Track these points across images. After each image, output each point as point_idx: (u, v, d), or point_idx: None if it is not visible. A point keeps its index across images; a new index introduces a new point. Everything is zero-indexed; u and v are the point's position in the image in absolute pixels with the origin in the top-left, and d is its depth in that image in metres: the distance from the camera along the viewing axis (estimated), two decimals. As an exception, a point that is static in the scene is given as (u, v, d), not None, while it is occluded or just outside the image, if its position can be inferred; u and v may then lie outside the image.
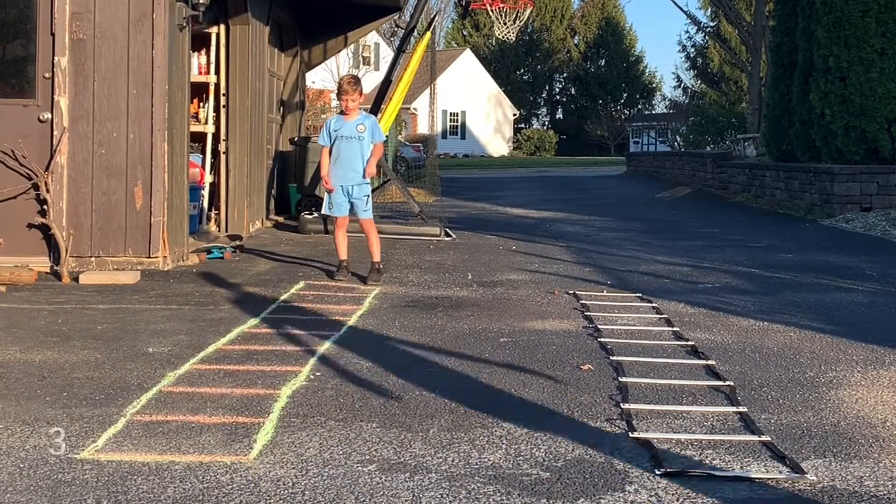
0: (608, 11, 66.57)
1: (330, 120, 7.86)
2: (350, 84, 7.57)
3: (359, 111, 7.74)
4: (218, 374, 4.58)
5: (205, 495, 3.07)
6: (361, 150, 7.58)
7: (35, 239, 7.69)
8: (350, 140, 7.56)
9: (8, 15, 7.79)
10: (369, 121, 7.74)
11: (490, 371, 4.74)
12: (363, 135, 7.58)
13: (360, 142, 7.57)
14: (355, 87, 7.55)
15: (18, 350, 5.05)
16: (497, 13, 17.86)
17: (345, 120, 7.63)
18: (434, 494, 3.10)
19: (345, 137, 7.56)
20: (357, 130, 7.57)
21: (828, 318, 6.32)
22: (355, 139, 7.56)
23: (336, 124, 7.65)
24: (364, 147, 7.59)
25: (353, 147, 7.56)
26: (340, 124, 7.62)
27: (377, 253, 7.68)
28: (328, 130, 7.68)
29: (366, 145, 7.59)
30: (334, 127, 7.64)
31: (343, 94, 7.55)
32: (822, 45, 14.91)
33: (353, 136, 7.56)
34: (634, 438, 3.68)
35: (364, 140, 7.58)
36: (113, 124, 7.74)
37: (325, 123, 7.90)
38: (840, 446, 3.64)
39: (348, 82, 7.60)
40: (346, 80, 7.69)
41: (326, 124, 7.82)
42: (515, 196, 20.22)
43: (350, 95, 7.51)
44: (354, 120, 7.62)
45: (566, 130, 64.99)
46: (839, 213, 13.84)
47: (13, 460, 3.36)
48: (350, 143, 7.55)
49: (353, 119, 7.63)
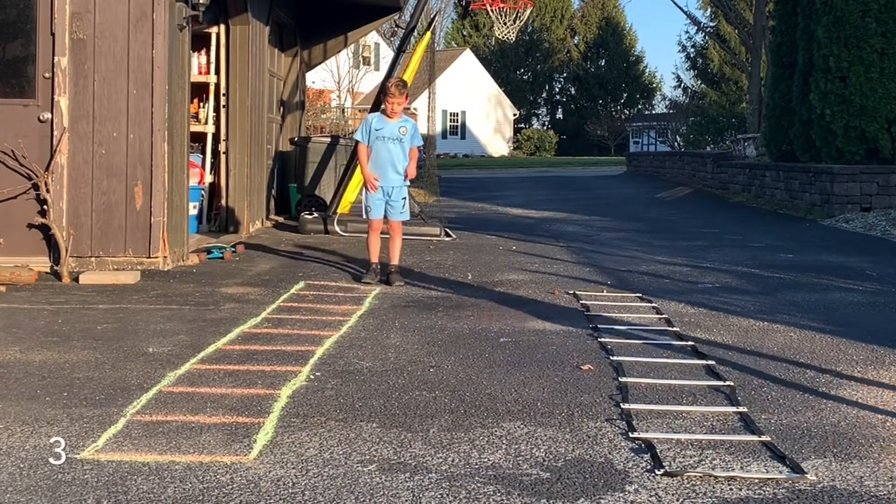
0: (608, 11, 66.54)
1: (370, 117, 7.74)
2: (398, 87, 7.50)
3: (401, 114, 7.63)
4: (218, 374, 4.58)
5: (205, 495, 3.07)
6: (403, 152, 7.51)
7: (35, 239, 7.69)
8: (393, 141, 7.47)
9: (8, 15, 7.79)
10: (410, 124, 7.65)
11: (490, 371, 4.74)
12: (405, 137, 7.50)
13: (400, 144, 7.50)
14: (402, 92, 7.49)
15: (18, 350, 5.05)
16: (497, 13, 17.87)
17: (387, 120, 7.52)
18: (434, 494, 3.11)
19: (387, 138, 7.47)
20: (400, 132, 7.49)
21: (828, 318, 6.32)
22: (397, 140, 7.48)
23: (378, 123, 7.54)
24: (405, 149, 7.52)
25: (395, 148, 7.48)
26: (383, 124, 7.51)
27: (397, 256, 7.64)
28: (368, 128, 7.56)
29: (406, 147, 7.52)
30: (376, 126, 7.53)
31: (389, 96, 7.47)
32: (822, 45, 14.91)
33: (395, 138, 7.48)
34: (634, 438, 3.68)
35: (404, 143, 7.51)
36: (113, 124, 7.74)
37: (365, 121, 7.78)
38: (840, 446, 3.64)
39: (396, 86, 7.53)
40: (394, 83, 7.63)
41: (366, 122, 7.70)
42: (515, 196, 20.22)
43: (396, 99, 7.45)
44: (397, 122, 7.52)
45: (566, 130, 64.98)
46: (839, 213, 13.84)
47: (13, 460, 3.36)
48: (393, 144, 7.47)
49: (395, 120, 7.53)
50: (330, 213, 11.28)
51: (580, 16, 67.87)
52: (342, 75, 44.63)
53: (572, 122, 66.11)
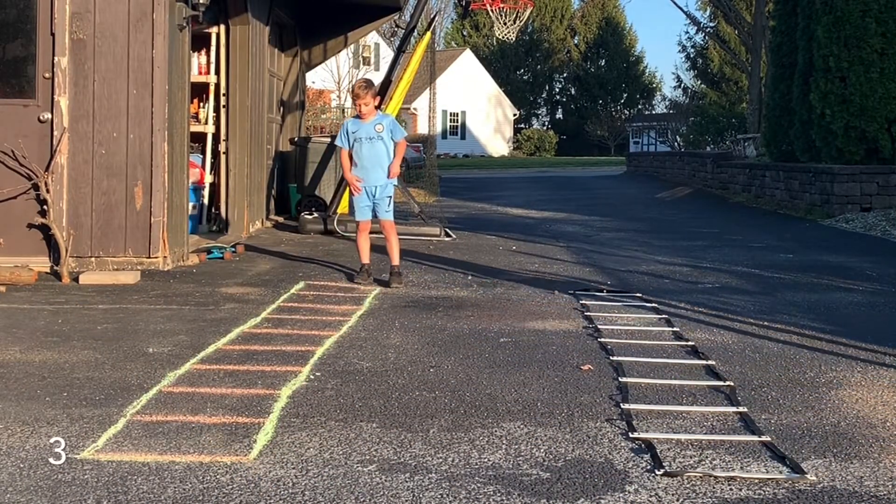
0: (608, 11, 66.54)
1: (347, 122, 7.78)
2: (362, 88, 7.51)
3: (375, 112, 7.65)
4: (218, 375, 4.58)
5: (205, 495, 3.07)
6: (385, 149, 7.51)
7: (35, 239, 7.69)
8: (371, 140, 7.47)
9: (8, 15, 7.79)
10: (387, 119, 7.67)
11: (490, 371, 4.74)
12: (382, 134, 7.50)
13: (381, 141, 7.49)
14: (367, 91, 7.49)
15: (18, 350, 5.05)
16: (497, 13, 17.87)
17: (361, 122, 7.54)
18: (434, 494, 3.11)
19: (364, 139, 7.47)
20: (375, 130, 7.48)
21: (828, 318, 6.32)
22: (376, 139, 7.48)
23: (353, 126, 7.56)
24: (387, 145, 7.51)
25: (375, 147, 7.48)
26: (358, 126, 7.53)
27: (397, 256, 7.59)
28: (346, 133, 7.59)
29: (388, 144, 7.52)
30: (352, 129, 7.55)
31: (356, 98, 7.50)
32: (822, 45, 14.91)
33: (373, 137, 7.47)
34: (634, 438, 3.68)
35: (385, 138, 7.50)
36: (113, 124, 7.74)
37: (343, 126, 7.82)
38: (840, 446, 3.64)
39: (360, 86, 7.55)
40: (357, 84, 7.63)
41: (343, 126, 7.74)
42: (515, 196, 20.22)
43: (363, 99, 7.46)
44: (372, 120, 7.53)
45: (566, 130, 64.97)
46: (839, 213, 13.84)
47: (13, 460, 3.36)
48: (371, 143, 7.47)
49: (370, 120, 7.54)
50: (330, 213, 11.28)
51: (580, 16, 67.87)
52: (342, 75, 44.63)
53: (572, 122, 66.10)
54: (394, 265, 7.56)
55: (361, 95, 7.47)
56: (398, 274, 7.50)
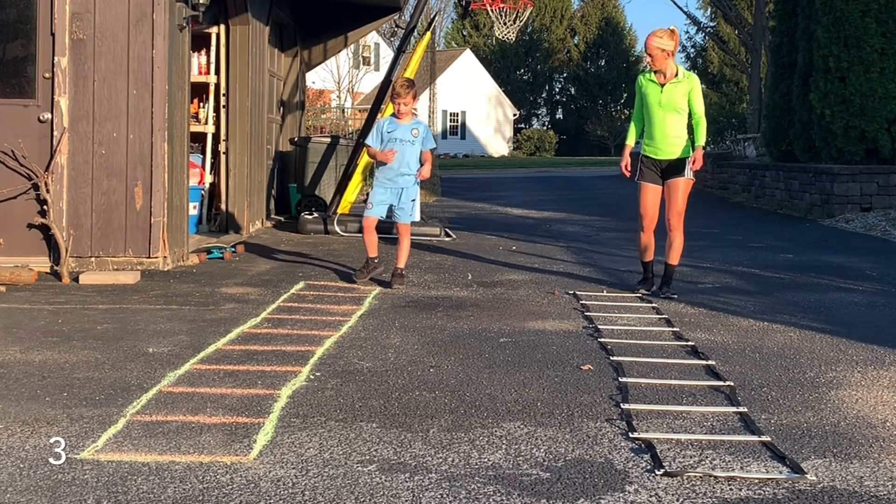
0: (608, 11, 66.54)
1: (382, 121, 7.66)
2: (403, 87, 7.36)
3: (412, 115, 7.53)
4: (218, 375, 4.58)
5: (205, 495, 3.07)
6: (415, 154, 7.39)
7: (35, 239, 7.69)
8: (404, 143, 7.34)
9: (8, 15, 7.79)
10: (422, 126, 7.53)
11: (490, 371, 4.74)
12: (416, 140, 7.38)
13: (412, 146, 7.37)
14: (409, 90, 7.34)
15: (18, 350, 5.05)
16: (497, 13, 17.86)
17: (398, 122, 7.41)
18: (434, 494, 3.11)
19: (399, 140, 7.33)
20: (412, 134, 7.36)
21: (828, 318, 6.32)
22: (409, 143, 7.35)
23: (389, 126, 7.42)
24: (417, 152, 7.39)
25: (408, 151, 7.35)
26: (394, 126, 7.39)
27: (404, 260, 7.46)
28: (380, 132, 7.44)
29: (417, 150, 7.40)
30: (387, 128, 7.41)
31: (396, 97, 7.35)
32: (822, 46, 14.90)
33: (406, 140, 7.34)
34: (634, 438, 3.68)
35: (416, 145, 7.39)
36: (113, 124, 7.74)
37: (377, 124, 7.70)
38: (840, 446, 3.64)
39: (402, 85, 7.39)
40: (400, 83, 7.49)
41: (378, 125, 7.61)
42: (515, 196, 20.22)
43: (403, 99, 7.31)
44: (408, 123, 7.41)
45: (566, 130, 64.97)
46: (839, 213, 13.84)
47: (13, 460, 3.36)
48: (404, 146, 7.34)
49: (406, 122, 7.42)
50: (330, 213, 11.28)
51: (580, 16, 67.86)
52: (342, 75, 44.66)
53: (572, 122, 66.10)
54: (399, 267, 7.45)
55: (402, 94, 7.32)
56: (401, 276, 7.42)
